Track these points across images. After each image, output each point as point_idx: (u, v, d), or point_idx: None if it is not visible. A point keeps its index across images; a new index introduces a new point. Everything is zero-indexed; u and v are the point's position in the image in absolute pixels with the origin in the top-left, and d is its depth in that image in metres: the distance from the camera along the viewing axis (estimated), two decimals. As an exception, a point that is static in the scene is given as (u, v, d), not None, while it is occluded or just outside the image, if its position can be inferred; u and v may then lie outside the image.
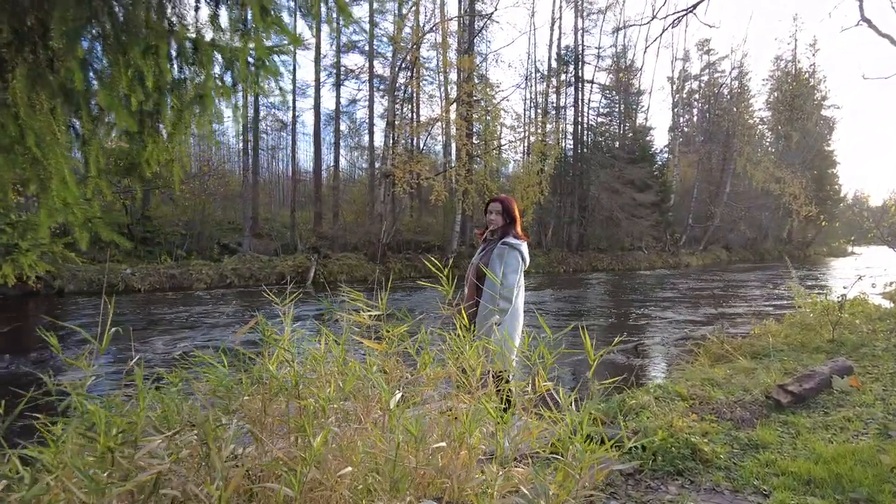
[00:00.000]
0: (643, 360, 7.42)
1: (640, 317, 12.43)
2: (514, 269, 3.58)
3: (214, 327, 10.71)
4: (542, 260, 27.38)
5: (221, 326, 10.78)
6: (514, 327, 3.61)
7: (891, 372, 5.22)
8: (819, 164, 43.19)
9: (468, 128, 23.06)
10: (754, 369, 5.55)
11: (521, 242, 3.64)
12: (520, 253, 3.61)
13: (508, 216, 3.75)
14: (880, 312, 8.84)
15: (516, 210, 3.78)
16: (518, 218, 3.76)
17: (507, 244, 3.61)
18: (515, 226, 3.72)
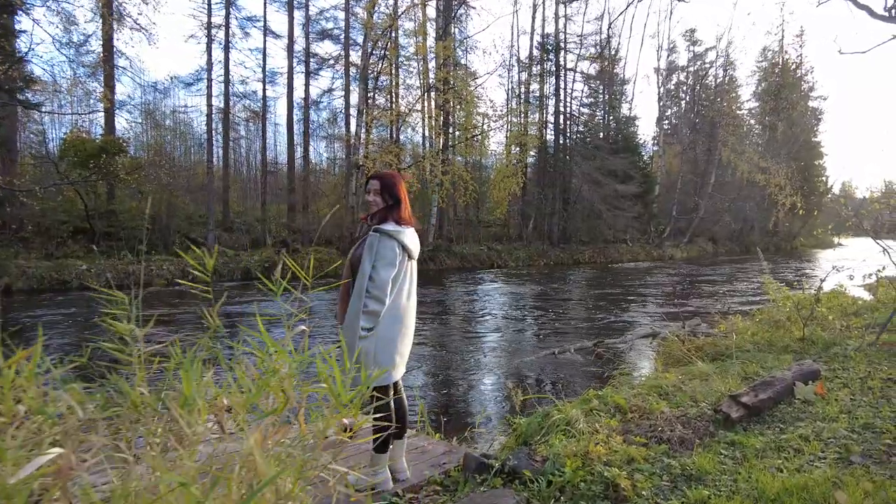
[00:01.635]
0: (600, 362, 6.80)
1: (613, 313, 11.84)
2: (390, 263, 2.88)
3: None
4: (522, 253, 26.75)
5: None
6: (392, 334, 2.93)
7: (861, 376, 4.61)
8: (805, 155, 42.76)
9: (444, 116, 22.33)
10: (711, 374, 4.92)
11: (400, 229, 2.94)
12: (398, 243, 2.90)
13: (390, 196, 3.06)
14: (856, 306, 8.29)
15: (401, 189, 3.08)
16: (404, 199, 3.05)
17: (379, 231, 2.91)
18: (398, 209, 3.02)
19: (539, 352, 7.61)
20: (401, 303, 2.95)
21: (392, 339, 2.92)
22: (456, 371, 6.92)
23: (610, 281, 19.75)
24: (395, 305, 2.92)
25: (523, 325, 10.31)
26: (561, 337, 9.17)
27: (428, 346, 8.30)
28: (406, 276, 2.98)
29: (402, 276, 2.95)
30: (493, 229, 30.47)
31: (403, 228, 2.96)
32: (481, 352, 7.99)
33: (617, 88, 35.62)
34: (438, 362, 7.39)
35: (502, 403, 4.17)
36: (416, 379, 6.46)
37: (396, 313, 2.94)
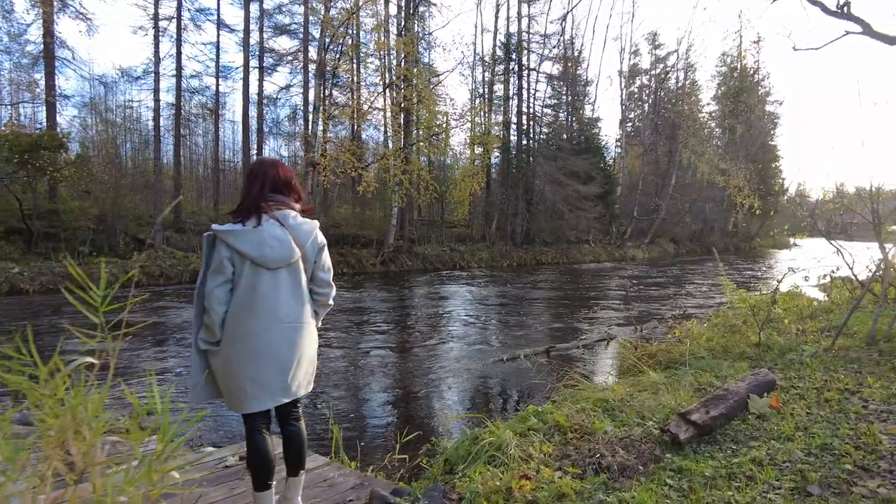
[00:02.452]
0: (547, 370, 6.41)
1: (571, 315, 11.54)
2: (215, 269, 2.38)
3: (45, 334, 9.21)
4: (485, 254, 26.44)
5: (51, 334, 9.28)
6: (234, 356, 2.41)
7: (817, 386, 4.32)
8: (763, 157, 43.76)
9: (404, 114, 21.82)
10: (662, 384, 4.58)
11: (228, 228, 2.41)
12: (225, 245, 2.38)
13: (244, 188, 2.60)
14: (812, 308, 8.13)
15: (253, 177, 2.57)
16: (255, 188, 2.53)
17: (210, 231, 2.44)
18: (252, 202, 2.53)
19: (488, 359, 7.19)
20: (244, 318, 2.41)
21: (233, 362, 2.41)
22: (388, 384, 6.41)
23: (571, 282, 19.56)
24: (236, 322, 2.41)
25: (477, 330, 9.89)
26: (515, 342, 8.79)
27: (361, 356, 7.73)
28: (253, 288, 2.41)
29: (243, 288, 2.41)
30: (456, 230, 30.09)
31: (233, 227, 2.42)
32: (424, 360, 7.47)
33: (580, 90, 35.66)
34: (368, 374, 6.83)
35: (434, 422, 3.75)
36: (336, 395, 5.91)
37: (240, 331, 2.41)
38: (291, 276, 2.54)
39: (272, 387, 2.47)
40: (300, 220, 2.61)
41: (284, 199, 2.62)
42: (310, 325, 2.62)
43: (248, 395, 2.44)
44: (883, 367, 4.70)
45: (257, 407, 2.46)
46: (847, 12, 7.53)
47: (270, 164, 2.68)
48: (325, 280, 2.70)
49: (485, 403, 5.62)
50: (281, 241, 2.46)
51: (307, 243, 2.58)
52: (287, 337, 2.49)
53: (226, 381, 2.47)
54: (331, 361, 7.35)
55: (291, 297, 2.53)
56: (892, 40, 6.94)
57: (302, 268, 2.58)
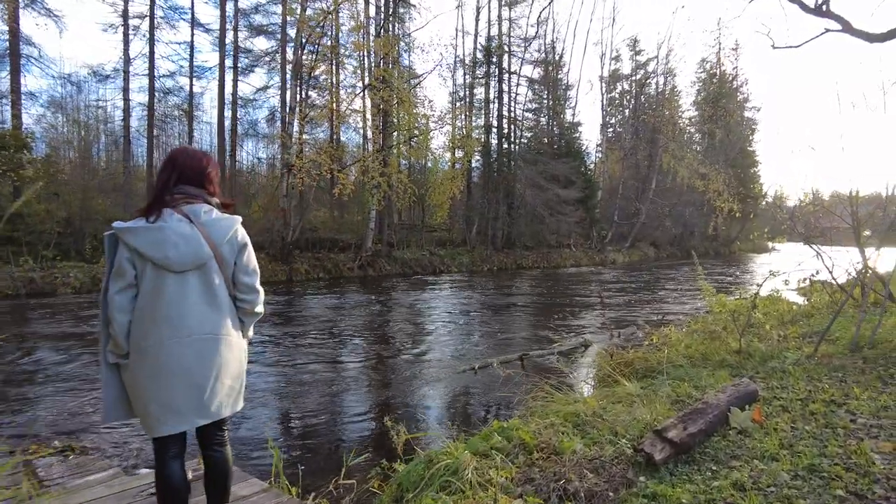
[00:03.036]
0: (519, 381, 6.09)
1: (550, 320, 11.26)
2: (115, 273, 2.06)
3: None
4: (465, 258, 26.14)
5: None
6: (137, 373, 2.08)
7: (801, 397, 4.05)
8: (741, 162, 44.20)
9: (382, 116, 21.47)
10: (638, 396, 4.29)
11: (128, 226, 2.06)
12: (124, 246, 2.03)
13: (156, 182, 2.27)
14: (792, 313, 7.94)
15: (168, 168, 2.23)
16: (164, 181, 2.20)
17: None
18: (155, 196, 2.19)
19: (458, 367, 6.85)
20: (147, 329, 2.06)
21: (138, 379, 2.08)
22: (344, 398, 5.93)
23: (551, 287, 19.33)
24: (139, 333, 2.07)
25: (452, 336, 9.54)
26: (490, 348, 8.48)
27: (320, 367, 7.23)
28: (157, 295, 2.07)
29: (146, 294, 2.07)
30: (437, 234, 29.75)
31: (137, 224, 2.07)
32: (389, 370, 7.06)
33: (561, 94, 35.63)
34: (324, 387, 6.31)
35: (389, 441, 3.42)
36: (282, 411, 5.48)
37: (143, 344, 2.06)
38: (203, 281, 2.18)
39: (182, 408, 2.12)
40: (216, 216, 2.26)
41: (196, 191, 2.26)
42: (231, 336, 2.26)
43: (153, 417, 2.09)
44: (868, 375, 4.47)
45: (165, 431, 2.11)
46: (826, 10, 7.37)
47: (183, 153, 2.33)
48: (248, 285, 2.35)
49: (449, 418, 5.25)
50: (188, 240, 2.11)
51: (223, 242, 2.22)
52: (200, 351, 2.13)
53: (135, 400, 2.14)
54: (279, 374, 6.85)
55: (204, 305, 2.17)
56: (872, 37, 6.78)
57: (218, 271, 2.23)
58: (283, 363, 7.35)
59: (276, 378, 6.61)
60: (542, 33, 33.27)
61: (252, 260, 2.40)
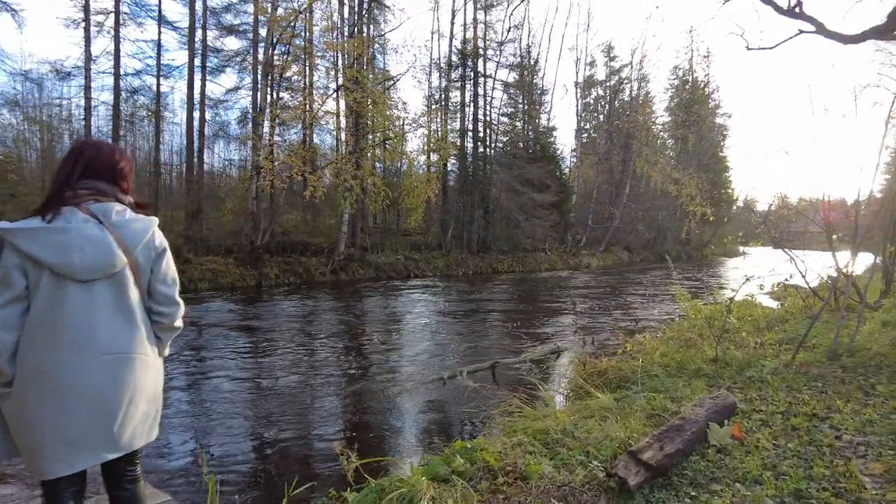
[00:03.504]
0: (489, 391, 5.81)
1: (524, 325, 11.01)
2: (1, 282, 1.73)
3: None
4: (440, 262, 25.84)
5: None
6: (28, 400, 1.74)
7: (782, 410, 3.84)
8: (714, 167, 44.87)
9: (354, 118, 21.10)
10: (611, 410, 4.04)
11: (17, 226, 1.74)
12: (12, 249, 1.70)
13: (56, 175, 1.93)
14: (768, 319, 7.82)
15: (68, 160, 1.91)
16: (69, 175, 1.88)
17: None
18: (54, 191, 1.86)
19: (427, 378, 6.53)
20: (43, 350, 1.72)
21: (29, 409, 1.72)
22: (295, 415, 5.38)
23: (526, 291, 19.14)
24: (31, 354, 1.73)
25: (422, 344, 9.20)
26: (462, 356, 8.16)
27: (279, 379, 6.74)
28: (56, 308, 1.75)
29: (42, 308, 1.74)
30: (412, 238, 29.40)
31: (29, 224, 1.74)
32: (350, 383, 6.55)
33: (536, 98, 35.64)
34: (275, 403, 5.75)
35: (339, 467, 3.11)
36: (223, 433, 4.92)
37: (37, 367, 1.71)
38: (115, 292, 1.84)
39: (88, 440, 1.78)
40: (129, 217, 1.93)
41: (107, 187, 1.94)
42: (147, 355, 1.93)
43: (48, 454, 1.74)
44: (849, 385, 4.29)
45: (66, 470, 1.77)
46: (800, 11, 7.28)
47: (90, 144, 2.00)
48: (167, 296, 2.03)
49: (411, 437, 4.90)
50: (96, 244, 1.77)
51: (138, 247, 1.90)
52: (110, 372, 1.80)
53: (22, 435, 1.77)
54: (224, 389, 6.29)
55: (116, 320, 1.84)
56: (845, 39, 6.70)
57: (131, 280, 1.89)
58: (232, 376, 6.88)
59: (220, 394, 6.09)
60: (518, 37, 33.28)
61: (171, 268, 2.08)
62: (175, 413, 5.38)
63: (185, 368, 7.25)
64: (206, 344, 8.94)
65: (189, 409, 5.56)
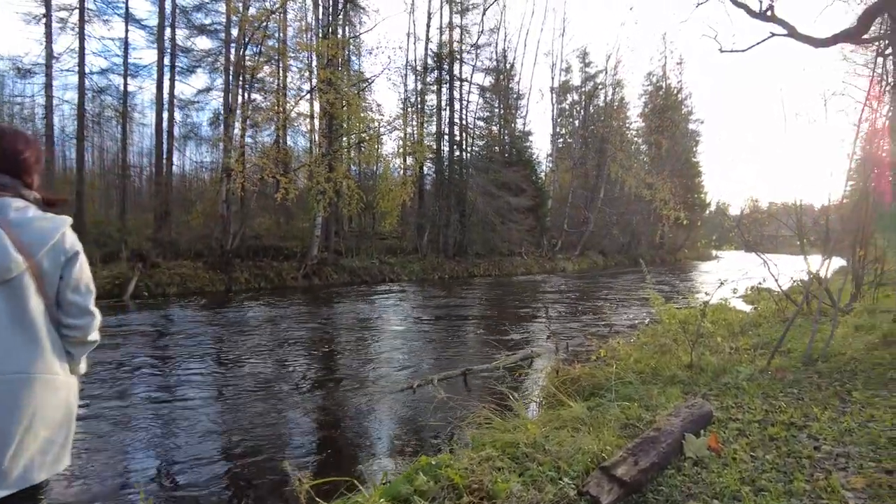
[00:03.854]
0: (460, 400, 5.60)
1: (499, 329, 10.85)
2: None
3: None
4: (416, 267, 25.59)
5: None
6: None
7: (758, 418, 3.72)
8: (686, 172, 45.56)
9: (328, 120, 20.78)
10: (584, 420, 3.87)
11: None
12: None
13: None
14: (742, 323, 7.77)
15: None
16: None
17: None
18: None
19: (395, 386, 6.30)
20: None
21: None
22: (256, 429, 5.01)
23: (502, 295, 19.02)
24: None
25: (393, 350, 8.95)
26: (435, 362, 7.96)
27: (239, 390, 6.38)
28: None
29: None
30: (388, 241, 29.12)
31: None
32: (318, 391, 6.29)
33: (512, 103, 35.69)
34: (234, 416, 5.44)
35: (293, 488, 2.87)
36: (172, 448, 4.60)
37: None
38: (10, 301, 1.59)
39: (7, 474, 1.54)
40: (33, 215, 1.69)
41: (6, 179, 1.70)
42: (52, 374, 1.67)
43: None
44: (825, 392, 4.19)
45: None
46: (772, 15, 7.27)
47: None
48: (79, 306, 1.78)
49: (373, 452, 4.63)
50: None
51: (42, 250, 1.65)
52: (1, 396, 1.56)
53: None
54: (176, 402, 5.89)
55: (11, 334, 1.59)
56: (816, 42, 6.70)
57: (33, 287, 1.65)
58: (191, 386, 6.54)
59: (176, 407, 5.71)
60: (494, 41, 33.31)
61: (85, 273, 1.82)
62: (118, 429, 5.05)
63: (142, 378, 6.91)
64: (168, 351, 8.58)
65: (139, 425, 5.22)
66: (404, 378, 6.75)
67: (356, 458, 4.46)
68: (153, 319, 12.01)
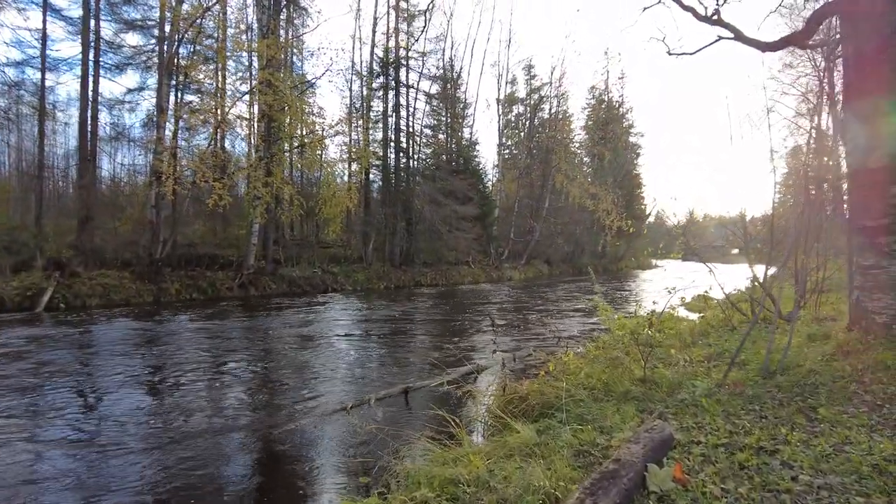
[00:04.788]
0: (401, 422, 5.07)
1: (443, 341, 10.36)
2: None
3: None
4: (361, 276, 24.85)
5: None
6: None
7: (723, 441, 3.37)
8: (628, 184, 46.77)
9: (267, 123, 19.89)
10: (534, 447, 3.43)
11: None
12: None
13: None
14: (692, 333, 7.58)
15: None
16: None
17: None
18: None
19: (327, 407, 5.68)
20: None
21: None
22: (145, 470, 4.25)
23: (449, 304, 18.58)
24: None
25: (332, 365, 8.27)
26: (375, 378, 7.37)
27: (141, 417, 5.57)
28: None
29: None
30: (331, 250, 28.23)
31: None
32: (236, 418, 5.54)
33: (459, 111, 35.59)
34: (124, 454, 4.61)
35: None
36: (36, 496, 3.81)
37: None
38: None
39: None
40: None
41: None
42: None
43: None
44: (788, 408, 3.91)
45: None
46: (718, 18, 7.17)
47: None
48: None
49: (290, 496, 4.00)
50: None
51: None
52: None
53: None
54: (60, 439, 5.00)
55: None
56: (763, 46, 6.61)
57: None
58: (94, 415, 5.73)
59: (53, 446, 4.84)
60: (441, 49, 33.14)
61: None
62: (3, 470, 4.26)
63: (44, 404, 6.02)
64: (78, 372, 7.64)
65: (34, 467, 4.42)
66: (339, 398, 6.13)
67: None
68: (67, 334, 10.89)
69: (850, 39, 5.24)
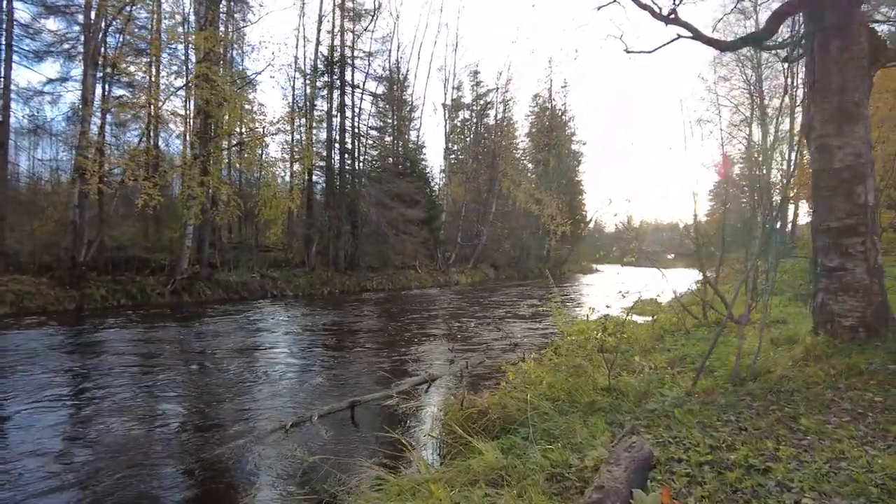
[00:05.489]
0: (348, 443, 4.57)
1: (390, 350, 9.89)
2: None
3: None
4: (302, 281, 23.92)
5: None
6: None
7: (706, 459, 3.07)
8: (570, 190, 47.72)
9: (203, 119, 18.84)
10: (501, 472, 3.03)
11: None
12: None
13: None
14: (651, 337, 7.42)
15: None
16: None
17: None
18: None
19: (264, 427, 5.10)
20: None
21: None
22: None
23: (396, 310, 18.05)
24: None
25: (268, 378, 7.62)
26: (319, 392, 6.82)
27: (50, 440, 4.94)
28: None
29: None
30: (272, 254, 27.11)
31: None
32: (156, 442, 4.92)
33: (405, 114, 35.18)
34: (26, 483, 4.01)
35: None
36: None
37: None
38: None
39: None
40: None
41: None
42: None
43: None
44: (767, 418, 3.67)
45: None
46: (675, 18, 7.06)
47: None
48: None
49: None
50: None
51: None
52: None
53: None
54: None
55: None
56: (721, 45, 6.53)
57: None
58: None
59: None
60: (387, 50, 32.63)
61: None
62: None
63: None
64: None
65: None
66: (278, 415, 5.55)
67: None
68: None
69: (815, 36, 5.16)
